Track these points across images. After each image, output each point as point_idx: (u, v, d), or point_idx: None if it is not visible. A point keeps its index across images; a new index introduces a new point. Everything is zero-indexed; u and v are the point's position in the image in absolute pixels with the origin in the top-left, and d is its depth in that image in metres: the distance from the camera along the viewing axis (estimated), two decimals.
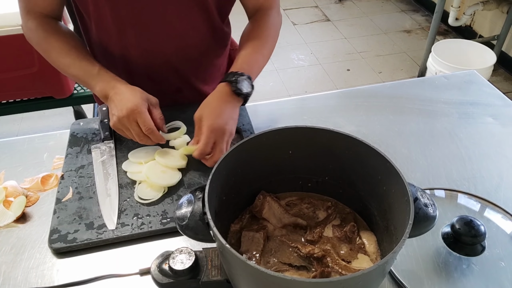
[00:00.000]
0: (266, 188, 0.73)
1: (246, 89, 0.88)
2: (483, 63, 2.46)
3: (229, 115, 0.86)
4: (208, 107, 0.86)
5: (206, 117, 0.84)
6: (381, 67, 3.07)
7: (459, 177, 0.90)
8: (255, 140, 0.67)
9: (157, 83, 1.03)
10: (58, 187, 0.86)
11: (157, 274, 0.66)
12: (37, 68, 1.71)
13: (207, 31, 1.03)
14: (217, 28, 1.04)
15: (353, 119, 1.06)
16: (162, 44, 0.99)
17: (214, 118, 0.84)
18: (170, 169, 0.88)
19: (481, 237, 0.70)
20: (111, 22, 0.94)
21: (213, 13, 0.99)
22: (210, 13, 0.99)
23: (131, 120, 0.84)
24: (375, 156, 0.63)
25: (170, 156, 0.90)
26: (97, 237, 0.76)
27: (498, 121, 1.05)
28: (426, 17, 3.67)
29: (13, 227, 0.81)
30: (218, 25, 1.04)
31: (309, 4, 3.91)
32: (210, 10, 0.98)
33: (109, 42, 1.00)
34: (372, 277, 0.53)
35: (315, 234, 0.68)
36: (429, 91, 1.15)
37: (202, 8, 0.97)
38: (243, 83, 0.88)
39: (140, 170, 0.88)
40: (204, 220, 0.57)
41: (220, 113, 0.85)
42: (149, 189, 0.85)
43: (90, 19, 0.96)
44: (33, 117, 2.51)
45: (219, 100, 0.87)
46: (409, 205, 0.55)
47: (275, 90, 2.87)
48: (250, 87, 0.89)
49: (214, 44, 1.08)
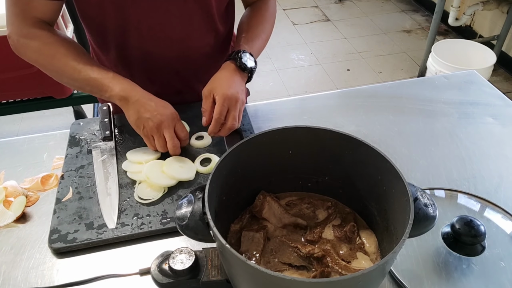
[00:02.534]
0: (266, 188, 0.73)
1: (250, 64, 0.92)
2: (483, 63, 2.46)
3: (239, 86, 0.90)
4: (218, 80, 0.90)
5: (218, 88, 0.87)
6: (381, 67, 3.07)
7: (459, 177, 0.90)
8: (255, 140, 0.67)
9: (157, 85, 1.03)
10: (58, 187, 0.86)
11: (157, 274, 0.66)
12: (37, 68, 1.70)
13: (210, 35, 1.03)
14: (219, 31, 1.05)
15: (353, 119, 1.06)
16: (164, 47, 0.99)
17: (226, 87, 0.87)
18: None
19: (481, 237, 0.70)
20: (115, 24, 0.94)
21: (215, 15, 1.00)
22: (213, 16, 0.99)
23: (160, 130, 0.87)
24: (375, 156, 0.63)
25: (179, 168, 0.88)
26: (97, 237, 0.76)
27: (498, 121, 1.05)
28: (426, 17, 3.67)
29: (13, 227, 0.81)
30: (221, 29, 1.04)
31: (309, 4, 3.91)
32: (212, 14, 0.98)
33: (111, 43, 1.00)
34: (372, 277, 0.53)
35: (315, 234, 0.68)
36: (429, 91, 1.15)
37: (205, 12, 0.97)
38: (246, 59, 0.92)
39: (140, 170, 0.88)
40: (204, 220, 0.57)
41: (231, 83, 0.89)
42: (149, 189, 0.85)
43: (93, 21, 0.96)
44: (33, 117, 2.51)
45: (227, 74, 0.91)
46: (409, 205, 0.55)
47: (275, 90, 2.87)
48: (253, 62, 0.94)
49: (216, 48, 1.08)
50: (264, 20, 1.04)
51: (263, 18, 1.04)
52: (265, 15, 1.05)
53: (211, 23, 1.01)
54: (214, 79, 0.90)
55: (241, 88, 0.91)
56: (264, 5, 1.06)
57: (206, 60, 1.07)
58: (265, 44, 1.04)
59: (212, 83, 0.90)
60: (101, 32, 0.98)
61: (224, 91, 0.86)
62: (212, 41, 1.05)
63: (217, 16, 1.00)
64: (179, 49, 1.01)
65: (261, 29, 1.02)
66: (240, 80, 0.92)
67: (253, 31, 1.01)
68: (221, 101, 0.86)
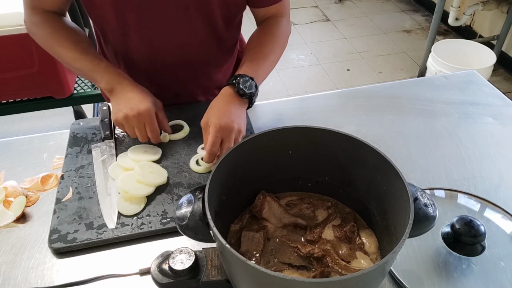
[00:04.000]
0: (266, 188, 0.73)
1: (249, 89, 0.87)
2: (483, 63, 2.46)
3: (235, 114, 0.85)
4: (213, 109, 0.86)
5: (212, 118, 0.84)
6: (381, 67, 3.07)
7: (459, 177, 0.90)
8: (255, 140, 0.67)
9: (156, 87, 1.02)
10: (58, 187, 0.86)
11: (157, 274, 0.66)
12: (37, 68, 1.71)
13: (212, 42, 1.01)
14: (221, 38, 1.02)
15: (353, 119, 1.06)
16: (164, 53, 0.99)
17: (219, 117, 0.83)
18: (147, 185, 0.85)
19: (481, 237, 0.70)
20: (116, 27, 0.94)
21: (219, 23, 0.97)
22: (215, 23, 0.97)
23: (140, 122, 0.87)
24: (375, 156, 0.63)
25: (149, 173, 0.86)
26: (97, 237, 0.76)
27: (498, 121, 1.05)
28: (426, 17, 3.67)
29: (13, 227, 0.81)
30: (223, 35, 1.02)
31: (309, 4, 3.91)
32: (215, 21, 0.96)
33: (112, 44, 1.00)
34: (372, 277, 0.53)
35: (315, 234, 0.68)
36: (429, 91, 1.15)
37: (207, 18, 0.95)
38: (245, 84, 0.87)
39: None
40: (204, 220, 0.57)
41: (225, 112, 0.85)
42: (128, 202, 0.82)
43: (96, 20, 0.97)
44: (33, 117, 2.51)
45: (224, 102, 0.87)
46: (409, 205, 0.55)
47: (275, 90, 2.87)
48: (253, 87, 0.88)
49: (219, 55, 1.06)
50: (274, 40, 0.97)
51: (272, 37, 0.97)
52: (275, 34, 0.98)
53: (213, 31, 0.99)
54: (210, 108, 0.87)
55: (239, 115, 0.86)
56: (275, 24, 0.99)
57: (206, 67, 1.06)
58: (273, 65, 0.98)
59: (208, 113, 0.86)
60: (103, 32, 0.99)
61: (217, 121, 0.82)
62: (214, 49, 1.03)
63: (221, 24, 0.98)
64: (179, 55, 1.00)
65: (269, 49, 0.96)
66: (238, 107, 0.87)
67: (259, 52, 0.95)
68: (214, 132, 0.82)
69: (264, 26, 1.00)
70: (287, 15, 1.03)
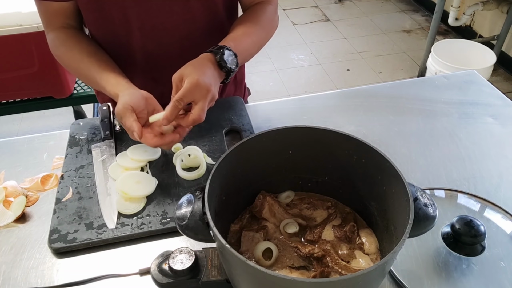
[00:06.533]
0: (266, 188, 0.73)
1: (231, 64, 0.82)
2: (483, 63, 2.46)
3: (213, 79, 0.79)
4: (190, 66, 0.79)
5: (189, 74, 0.77)
6: (381, 67, 3.07)
7: (459, 177, 0.90)
8: (255, 140, 0.67)
9: (162, 85, 1.02)
10: (58, 187, 0.86)
11: (157, 274, 0.66)
12: (37, 68, 1.71)
13: (215, 33, 1.00)
14: (223, 28, 1.01)
15: (353, 119, 1.06)
16: (168, 47, 0.99)
17: (199, 74, 0.76)
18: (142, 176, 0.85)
19: (481, 237, 0.71)
20: (118, 27, 0.94)
21: (221, 13, 0.97)
22: (217, 12, 0.97)
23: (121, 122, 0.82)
24: (375, 156, 0.63)
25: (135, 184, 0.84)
26: (97, 237, 0.76)
27: (498, 121, 1.05)
28: (426, 17, 3.67)
29: (13, 227, 0.81)
30: (225, 25, 1.01)
31: (309, 4, 3.91)
32: (218, 11, 0.96)
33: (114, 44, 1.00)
34: (372, 277, 0.53)
35: (315, 234, 0.68)
36: (429, 91, 1.15)
37: (209, 10, 0.95)
38: (229, 58, 0.82)
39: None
40: (204, 220, 0.57)
41: (204, 72, 0.78)
42: (128, 202, 0.82)
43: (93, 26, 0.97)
44: (33, 117, 2.51)
45: (203, 64, 0.80)
46: (409, 205, 0.55)
47: (275, 90, 2.87)
48: (234, 63, 0.82)
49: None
50: (258, 23, 0.94)
51: (257, 20, 0.95)
52: (260, 19, 0.96)
53: (216, 21, 0.98)
54: (187, 65, 0.80)
55: (215, 83, 0.79)
56: (260, 9, 0.97)
57: None
58: (256, 48, 0.94)
59: (183, 69, 0.79)
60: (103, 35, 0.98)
61: (196, 77, 0.76)
62: (218, 40, 1.04)
63: (224, 14, 0.97)
64: (183, 48, 1.00)
65: (253, 30, 0.92)
66: (216, 76, 0.81)
67: (243, 30, 0.91)
68: (189, 85, 0.75)
69: (250, 10, 0.99)
70: (275, 3, 1.01)
